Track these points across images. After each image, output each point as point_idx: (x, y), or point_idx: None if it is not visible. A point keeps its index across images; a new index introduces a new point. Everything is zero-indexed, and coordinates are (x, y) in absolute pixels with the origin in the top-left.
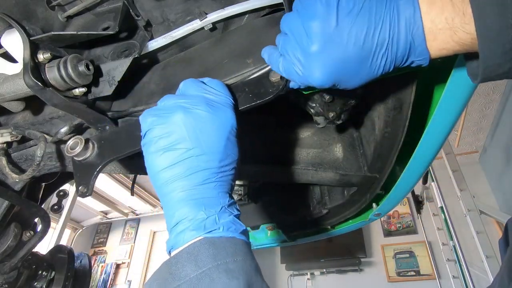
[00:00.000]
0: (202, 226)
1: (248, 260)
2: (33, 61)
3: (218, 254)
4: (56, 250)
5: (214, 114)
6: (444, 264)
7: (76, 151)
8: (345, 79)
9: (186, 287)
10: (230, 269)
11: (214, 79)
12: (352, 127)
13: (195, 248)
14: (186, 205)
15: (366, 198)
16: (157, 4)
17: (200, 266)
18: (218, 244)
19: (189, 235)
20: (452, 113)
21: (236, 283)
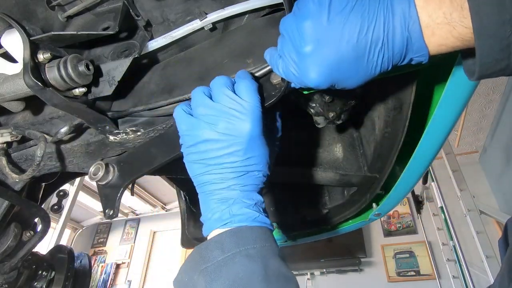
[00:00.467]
0: (219, 218)
1: (266, 246)
2: (33, 61)
3: (240, 241)
4: (56, 250)
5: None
6: (444, 264)
7: (99, 176)
8: (342, 78)
9: (214, 268)
10: (250, 254)
11: (242, 81)
12: (352, 127)
13: (222, 237)
14: (211, 203)
15: (366, 198)
16: (157, 4)
17: (225, 252)
18: (240, 234)
19: (209, 227)
20: (452, 113)
21: (254, 266)
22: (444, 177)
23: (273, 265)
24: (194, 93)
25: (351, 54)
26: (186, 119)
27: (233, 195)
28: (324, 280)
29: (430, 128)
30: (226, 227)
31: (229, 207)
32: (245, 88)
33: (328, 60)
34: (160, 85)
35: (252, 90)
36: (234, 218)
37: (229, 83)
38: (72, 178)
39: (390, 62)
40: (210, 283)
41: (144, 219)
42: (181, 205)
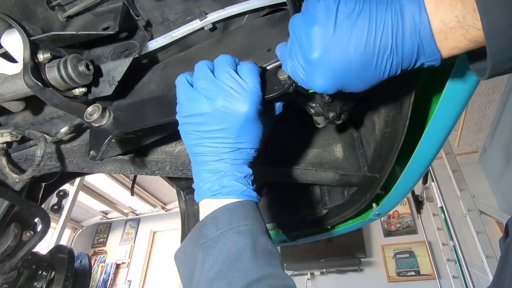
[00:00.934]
0: (209, 189)
1: (256, 224)
2: (33, 61)
3: (233, 219)
4: (56, 250)
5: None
6: (444, 264)
7: (93, 117)
8: (349, 84)
9: (210, 243)
10: (241, 231)
11: (246, 63)
12: (352, 127)
13: (216, 214)
14: (203, 173)
15: (366, 198)
16: (157, 4)
17: (219, 228)
18: (233, 211)
19: (200, 195)
20: (452, 113)
21: (244, 242)
22: (444, 177)
23: (261, 241)
24: (198, 65)
25: (358, 60)
26: (186, 89)
27: (224, 167)
28: (324, 280)
29: (430, 128)
30: (215, 197)
31: (219, 179)
32: (247, 69)
33: (335, 68)
34: (160, 85)
35: (254, 73)
36: (223, 189)
37: (233, 62)
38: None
39: (399, 67)
40: (206, 257)
41: (144, 219)
42: (181, 205)
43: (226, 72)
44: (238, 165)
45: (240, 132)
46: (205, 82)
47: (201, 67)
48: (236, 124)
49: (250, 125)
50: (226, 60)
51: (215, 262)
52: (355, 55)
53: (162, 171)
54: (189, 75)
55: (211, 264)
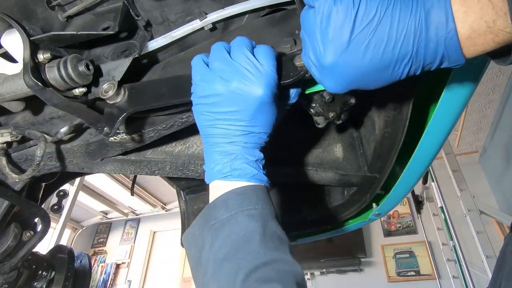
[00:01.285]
0: (220, 171)
1: (266, 208)
2: (33, 61)
3: (244, 202)
4: (56, 250)
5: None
6: (444, 264)
7: (109, 94)
8: (362, 86)
9: (219, 225)
10: (251, 214)
11: (263, 46)
12: (352, 127)
13: (227, 197)
14: (214, 154)
15: (366, 198)
16: (157, 4)
17: (229, 211)
18: (244, 194)
19: (212, 176)
20: (452, 113)
21: (254, 225)
22: (444, 177)
23: (271, 226)
24: (215, 46)
25: (373, 68)
26: (202, 69)
27: (236, 150)
28: (324, 280)
29: (430, 128)
30: (225, 179)
31: (230, 161)
32: (264, 52)
33: (348, 75)
34: None
35: (270, 56)
36: (234, 172)
37: (250, 44)
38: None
39: (418, 70)
40: (215, 239)
41: (144, 219)
42: (181, 205)
43: (243, 53)
44: (249, 148)
45: (253, 116)
46: (221, 63)
47: (217, 48)
48: (250, 107)
49: (264, 109)
50: (243, 41)
51: (224, 244)
52: (371, 64)
53: (162, 171)
54: (205, 56)
55: (220, 246)
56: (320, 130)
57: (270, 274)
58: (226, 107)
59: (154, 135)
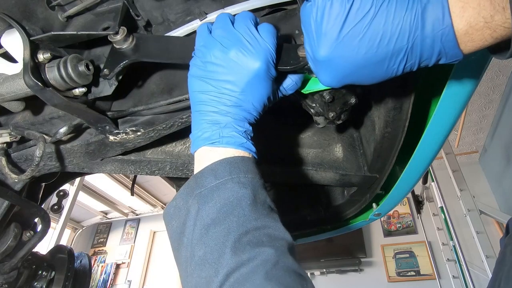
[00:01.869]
0: (208, 137)
1: (256, 178)
2: (33, 61)
3: (233, 170)
4: (56, 250)
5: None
6: (444, 264)
7: (117, 38)
8: (357, 81)
9: (207, 192)
10: (241, 182)
11: (266, 23)
12: (352, 127)
13: (216, 166)
14: (204, 122)
15: (366, 198)
16: (157, 4)
17: (218, 178)
18: (233, 163)
19: (198, 143)
20: (452, 113)
21: (244, 191)
22: (444, 177)
23: (261, 194)
24: (219, 16)
25: (368, 62)
26: (205, 35)
27: (225, 120)
28: (324, 280)
29: (430, 128)
30: (213, 146)
31: (219, 129)
32: (266, 29)
33: (342, 69)
34: (160, 85)
35: (272, 33)
36: (222, 139)
37: (254, 18)
38: (72, 178)
39: (415, 66)
40: (203, 205)
41: (144, 219)
42: None
43: (245, 25)
44: (239, 120)
45: (246, 87)
46: (223, 31)
47: (222, 17)
48: (244, 77)
49: (257, 82)
50: (248, 15)
51: (212, 210)
52: (365, 58)
53: (162, 171)
54: (210, 24)
55: (207, 212)
56: (320, 130)
57: (261, 239)
58: (221, 74)
59: (154, 135)
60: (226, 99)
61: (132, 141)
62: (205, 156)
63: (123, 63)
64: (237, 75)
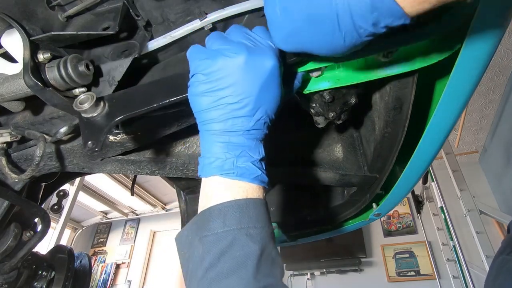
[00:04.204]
0: (221, 167)
1: (266, 227)
2: (33, 61)
3: (243, 218)
4: (56, 250)
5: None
6: (444, 264)
7: (84, 107)
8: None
9: (213, 238)
10: (250, 234)
11: (258, 26)
12: (352, 127)
13: (225, 208)
14: (215, 145)
15: (366, 198)
16: (157, 4)
17: (226, 225)
18: (244, 209)
19: (210, 171)
20: (452, 113)
21: (252, 247)
22: (444, 177)
23: (268, 247)
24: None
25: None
26: (202, 50)
27: (239, 141)
28: (324, 280)
29: (430, 128)
30: (226, 176)
31: (234, 158)
32: (262, 29)
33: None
34: None
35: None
36: (237, 170)
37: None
38: (72, 178)
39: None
40: (207, 253)
41: (144, 219)
42: (181, 205)
43: (241, 32)
44: (254, 140)
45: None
46: (223, 42)
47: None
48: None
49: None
50: (237, 26)
51: (217, 262)
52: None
53: (162, 171)
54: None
55: (211, 263)
56: (320, 130)
57: None
58: (230, 84)
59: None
60: (239, 109)
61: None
62: (216, 189)
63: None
64: (248, 80)
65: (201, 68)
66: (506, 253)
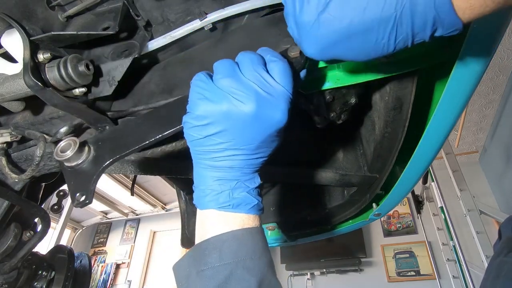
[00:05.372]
0: (216, 200)
1: (263, 257)
2: (33, 61)
3: (240, 250)
4: (56, 250)
5: (259, 114)
6: (444, 264)
7: (66, 155)
8: (344, 55)
9: (209, 273)
10: (247, 266)
11: (278, 62)
12: (352, 127)
13: (221, 241)
14: (209, 178)
15: (366, 198)
16: (157, 4)
17: (223, 259)
18: (241, 241)
19: (205, 204)
20: (452, 113)
21: (250, 281)
22: (444, 177)
23: (267, 279)
24: (220, 62)
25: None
26: (208, 82)
27: (235, 176)
28: (324, 280)
29: (430, 128)
30: (222, 210)
31: (229, 190)
32: (280, 70)
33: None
34: (160, 85)
35: (288, 74)
36: (233, 201)
37: (262, 61)
38: None
39: (408, 41)
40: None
41: (144, 219)
42: (181, 205)
43: (256, 70)
44: (250, 173)
45: (265, 141)
46: (232, 81)
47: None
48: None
49: (276, 135)
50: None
51: None
52: (351, 26)
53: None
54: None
55: None
56: (320, 130)
57: None
58: (231, 135)
59: None
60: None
61: None
62: (212, 221)
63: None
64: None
65: (200, 109)
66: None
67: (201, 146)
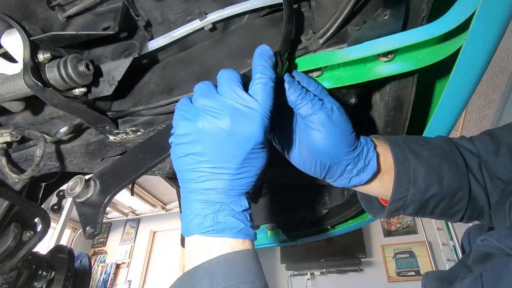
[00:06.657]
0: (200, 224)
1: (257, 281)
2: (33, 61)
3: (231, 274)
4: (56, 250)
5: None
6: (444, 264)
7: (75, 192)
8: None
9: None
10: None
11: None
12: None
13: (211, 266)
14: (194, 203)
15: None
16: (157, 4)
17: (214, 284)
18: (232, 264)
19: (190, 229)
20: (452, 113)
21: None
22: None
23: None
24: (198, 85)
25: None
26: (186, 107)
27: (219, 198)
28: (324, 280)
29: (430, 128)
30: (207, 234)
31: (214, 213)
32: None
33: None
34: (160, 85)
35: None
36: (218, 226)
37: (239, 78)
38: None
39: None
40: None
41: (144, 219)
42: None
43: (232, 90)
44: (235, 196)
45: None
46: (207, 99)
47: (202, 85)
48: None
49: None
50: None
51: None
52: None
53: (162, 171)
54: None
55: None
56: None
57: None
58: (209, 150)
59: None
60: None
61: (132, 141)
62: (199, 247)
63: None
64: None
65: (180, 128)
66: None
67: (185, 165)
